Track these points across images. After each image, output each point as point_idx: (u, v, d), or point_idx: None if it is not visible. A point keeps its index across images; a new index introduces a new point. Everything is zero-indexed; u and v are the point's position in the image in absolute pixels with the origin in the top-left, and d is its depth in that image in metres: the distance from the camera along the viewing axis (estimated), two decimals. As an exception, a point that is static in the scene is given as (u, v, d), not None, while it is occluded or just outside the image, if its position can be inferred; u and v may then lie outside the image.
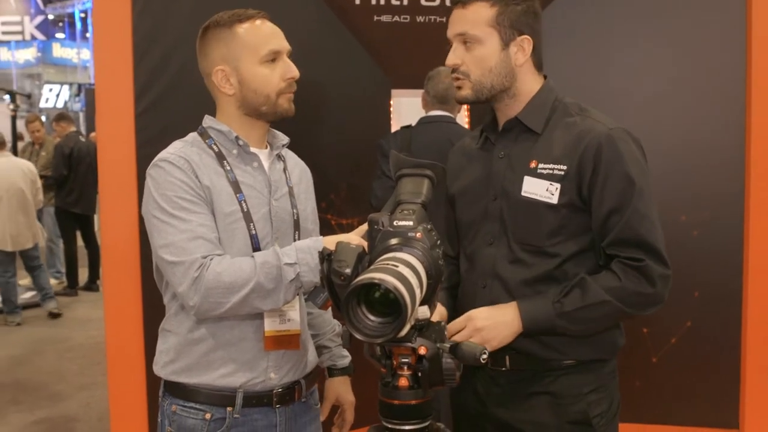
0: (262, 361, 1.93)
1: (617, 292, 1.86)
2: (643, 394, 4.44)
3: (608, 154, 1.88)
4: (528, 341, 1.93)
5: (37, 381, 5.86)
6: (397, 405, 1.56)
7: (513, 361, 1.97)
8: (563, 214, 1.90)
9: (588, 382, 1.96)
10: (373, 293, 1.37)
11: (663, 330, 4.56)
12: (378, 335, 1.37)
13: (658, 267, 1.87)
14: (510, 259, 1.96)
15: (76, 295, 8.97)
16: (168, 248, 1.81)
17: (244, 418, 1.92)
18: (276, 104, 1.93)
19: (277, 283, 1.77)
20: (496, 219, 2.00)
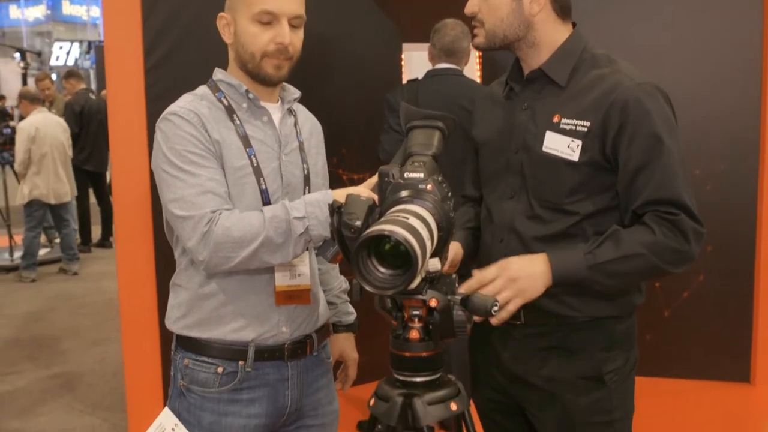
0: (273, 315, 1.93)
1: (652, 246, 1.80)
2: (655, 348, 4.45)
3: (635, 110, 1.81)
4: (544, 297, 1.90)
5: (51, 337, 5.93)
6: (408, 357, 1.56)
7: (528, 316, 1.96)
8: (584, 172, 1.86)
9: (602, 338, 1.94)
10: (384, 245, 1.37)
11: (675, 284, 4.56)
12: (388, 287, 1.36)
13: (692, 222, 1.80)
14: (528, 215, 1.94)
15: (90, 251, 9.04)
16: (177, 203, 1.80)
17: (256, 372, 1.93)
18: (260, 66, 1.89)
19: (286, 238, 1.76)
20: (516, 173, 1.96)
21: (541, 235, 1.92)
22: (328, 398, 2.09)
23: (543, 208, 1.92)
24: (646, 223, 1.83)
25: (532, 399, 2.00)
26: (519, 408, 2.06)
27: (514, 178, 1.97)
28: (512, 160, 1.97)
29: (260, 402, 1.93)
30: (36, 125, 7.56)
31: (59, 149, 7.72)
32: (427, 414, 1.55)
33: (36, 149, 7.53)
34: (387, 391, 1.62)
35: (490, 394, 2.12)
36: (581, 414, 1.94)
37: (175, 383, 1.98)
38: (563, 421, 1.95)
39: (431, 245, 1.43)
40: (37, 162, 7.54)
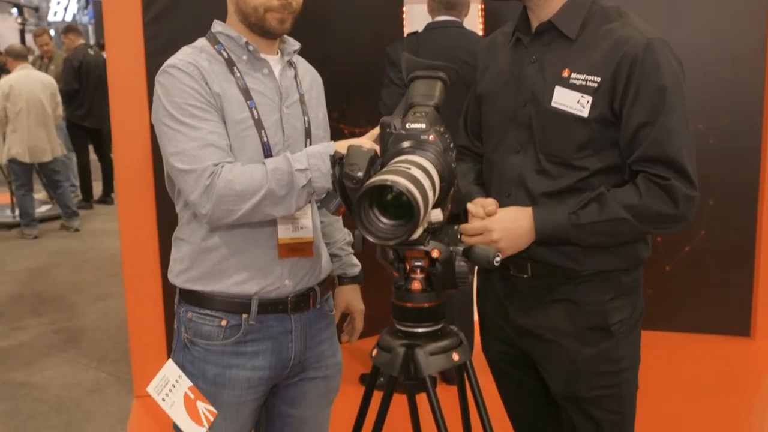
0: (276, 268, 1.94)
1: (636, 210, 1.81)
2: (656, 302, 4.47)
3: (644, 65, 1.79)
4: (549, 252, 1.93)
5: (55, 293, 5.96)
6: (410, 308, 1.58)
7: (534, 269, 1.97)
8: (593, 128, 1.85)
9: (608, 290, 1.95)
10: (386, 195, 1.37)
11: (677, 238, 4.57)
12: (390, 237, 1.37)
13: (683, 187, 1.80)
14: (536, 169, 1.93)
15: (92, 208, 9.05)
16: (178, 156, 1.80)
17: (260, 325, 1.94)
18: (263, 19, 1.88)
19: (288, 190, 1.76)
20: (524, 127, 1.95)
21: (549, 190, 1.91)
22: (332, 351, 2.11)
23: (551, 163, 1.91)
24: (636, 184, 1.83)
25: (540, 350, 2.02)
26: (528, 359, 2.08)
27: (521, 132, 1.96)
28: (520, 114, 1.96)
29: (264, 355, 1.95)
30: (11, 83, 7.40)
31: (36, 107, 7.50)
32: (429, 364, 1.57)
33: (11, 107, 7.37)
34: (389, 341, 1.64)
35: (500, 347, 2.15)
36: (588, 364, 1.95)
37: (178, 336, 2.00)
38: (570, 371, 1.97)
39: (433, 196, 1.43)
40: (12, 120, 7.40)
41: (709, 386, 4.05)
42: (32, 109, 7.48)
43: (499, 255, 1.51)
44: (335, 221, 2.23)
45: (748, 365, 4.36)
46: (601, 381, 1.97)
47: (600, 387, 1.97)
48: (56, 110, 7.78)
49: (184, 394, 1.93)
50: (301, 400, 2.08)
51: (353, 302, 2.23)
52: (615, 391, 1.98)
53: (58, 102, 7.84)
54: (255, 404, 2.00)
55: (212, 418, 1.91)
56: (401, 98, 1.69)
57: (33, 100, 7.49)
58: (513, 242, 1.86)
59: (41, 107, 7.56)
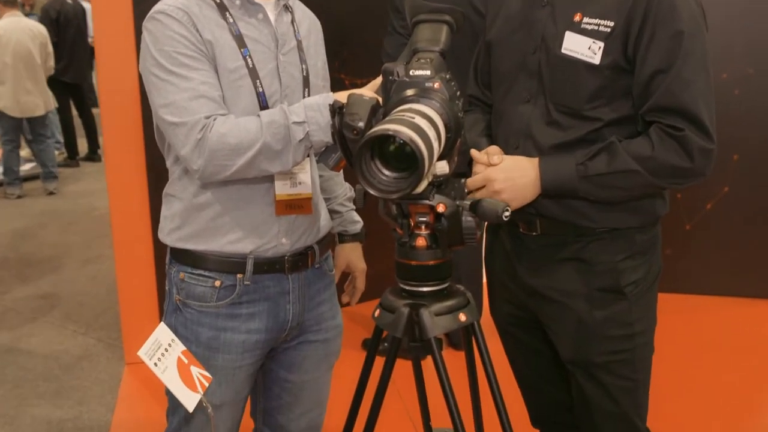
0: (272, 226, 1.94)
1: (648, 162, 1.80)
2: (675, 263, 4.48)
3: (660, 7, 1.77)
4: (560, 208, 1.93)
5: (41, 255, 5.99)
6: (414, 266, 1.58)
7: (544, 226, 1.97)
8: (605, 76, 1.84)
9: (621, 249, 1.95)
10: (388, 146, 1.37)
11: (698, 195, 4.56)
12: (393, 191, 1.37)
13: (699, 139, 1.78)
14: (546, 120, 1.92)
15: (78, 166, 9.05)
16: (168, 108, 1.79)
17: (255, 286, 1.95)
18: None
19: (285, 144, 1.76)
20: (533, 75, 1.94)
21: (559, 142, 1.90)
22: (331, 312, 2.12)
23: (561, 114, 1.90)
24: (648, 135, 1.82)
25: (549, 312, 2.03)
26: (537, 321, 2.09)
27: (530, 80, 1.95)
28: (529, 61, 1.95)
29: (260, 317, 1.96)
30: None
31: (25, 59, 7.44)
32: (435, 325, 1.59)
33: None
34: (392, 301, 1.65)
35: (508, 308, 2.16)
36: (599, 327, 1.96)
37: (170, 298, 2.01)
38: (580, 334, 1.98)
39: (438, 147, 1.43)
40: (0, 71, 7.36)
41: (731, 352, 4.06)
42: (20, 61, 7.43)
43: (508, 209, 1.51)
44: (335, 176, 2.23)
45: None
46: (613, 345, 1.98)
47: (611, 352, 1.98)
48: (47, 61, 7.71)
49: (177, 358, 1.94)
50: (300, 365, 2.10)
51: (354, 261, 2.24)
52: (627, 356, 1.99)
53: (49, 52, 7.76)
54: (251, 369, 2.01)
55: (207, 384, 1.92)
56: (405, 48, 1.68)
57: (22, 50, 7.42)
58: (517, 193, 1.86)
59: (30, 58, 7.50)
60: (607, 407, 2.02)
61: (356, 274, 2.25)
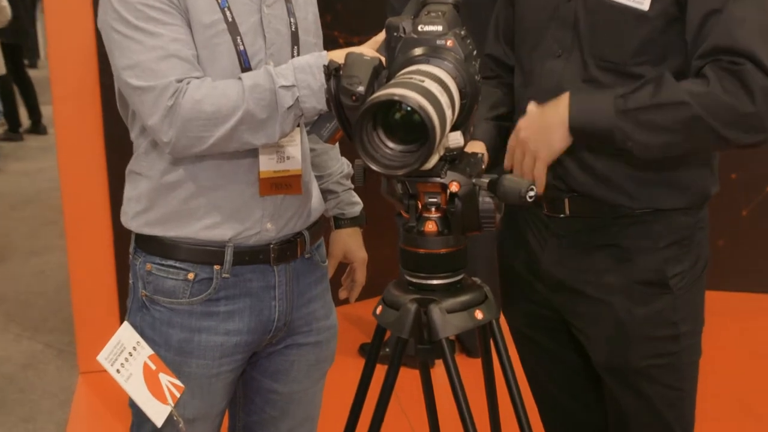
0: (255, 209, 1.96)
1: (701, 97, 1.77)
2: (728, 256, 4.48)
3: None
4: (592, 182, 1.94)
5: (-23, 247, 6.01)
6: (422, 255, 1.60)
7: (573, 206, 1.99)
8: (654, 26, 1.85)
9: (666, 233, 1.97)
10: (393, 114, 1.39)
11: (756, 176, 4.56)
12: (399, 166, 1.39)
13: (762, 76, 1.76)
14: (583, 77, 1.94)
15: (21, 140, 9.04)
16: (133, 70, 1.80)
17: (236, 279, 1.96)
18: None
19: (271, 112, 1.77)
20: (568, 25, 1.95)
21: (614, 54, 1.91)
22: (324, 311, 2.14)
23: (601, 70, 1.92)
24: (703, 74, 1.80)
25: (579, 310, 2.05)
26: (561, 322, 2.11)
27: (563, 31, 1.96)
28: (563, 9, 1.96)
29: (241, 315, 1.98)
30: None
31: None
32: (447, 323, 1.60)
33: None
34: (397, 296, 1.67)
35: (526, 306, 2.17)
36: (639, 326, 1.98)
37: (135, 294, 2.02)
38: (617, 335, 2.00)
39: (452, 114, 1.45)
40: None
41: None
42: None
43: (533, 188, 1.52)
44: (330, 149, 2.24)
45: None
46: (656, 348, 1.99)
47: (654, 355, 2.00)
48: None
49: (144, 364, 1.95)
50: (287, 373, 2.11)
51: (353, 249, 2.25)
52: (672, 360, 2.01)
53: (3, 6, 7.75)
54: (230, 377, 2.03)
55: (178, 395, 1.93)
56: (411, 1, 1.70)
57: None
58: (544, 138, 1.83)
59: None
60: (648, 422, 2.03)
61: (355, 265, 2.26)
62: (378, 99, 1.35)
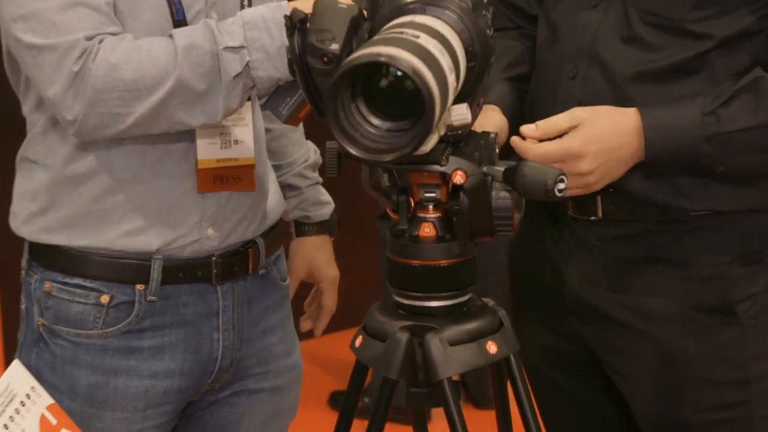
0: (192, 210, 1.96)
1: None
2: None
3: None
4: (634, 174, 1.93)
5: None
6: (416, 268, 1.60)
7: (608, 206, 1.99)
8: None
9: (731, 245, 1.97)
10: (378, 81, 1.39)
11: None
12: (386, 150, 1.38)
13: None
14: (624, 35, 1.95)
15: None
16: (27, 22, 1.79)
17: (165, 303, 1.97)
18: None
19: (212, 81, 1.77)
20: None
21: (644, 69, 1.93)
22: (285, 346, 2.14)
23: (649, 26, 1.93)
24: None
25: (615, 345, 2.05)
26: (591, 358, 2.11)
27: None
28: None
29: (172, 352, 1.99)
30: None
31: None
32: (449, 359, 1.59)
33: None
34: (383, 323, 1.66)
35: (544, 336, 2.18)
36: (697, 367, 1.99)
37: (29, 323, 2.02)
38: (667, 379, 2.00)
39: (456, 81, 1.45)
40: None
41: None
42: None
43: (563, 179, 1.51)
44: (291, 131, 2.25)
45: None
46: (719, 396, 2.00)
47: (716, 406, 2.00)
48: None
49: (41, 417, 1.94)
50: (235, 429, 2.12)
51: (320, 264, 2.26)
52: (741, 413, 2.01)
53: None
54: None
55: (87, 459, 1.94)
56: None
57: None
58: (611, 170, 1.86)
59: None
60: None
61: (323, 285, 2.27)
62: (358, 61, 1.34)
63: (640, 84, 1.93)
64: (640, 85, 1.92)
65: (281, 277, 2.16)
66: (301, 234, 2.26)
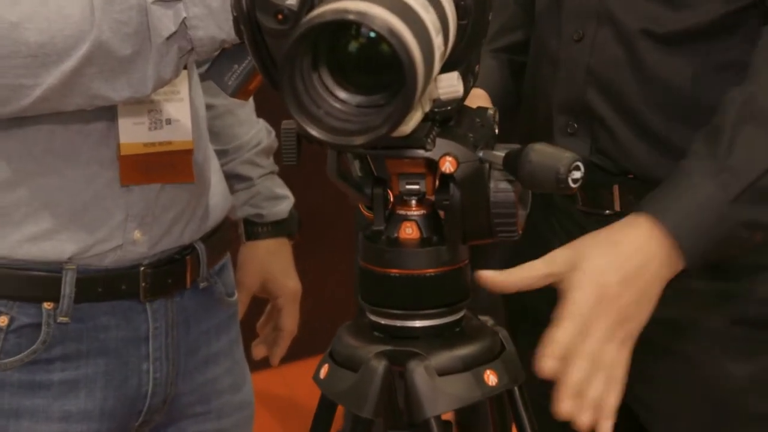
0: (114, 208, 1.99)
1: None
2: None
3: None
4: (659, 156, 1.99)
5: None
6: (396, 279, 1.62)
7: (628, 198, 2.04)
8: None
9: None
10: (345, 44, 1.41)
11: None
12: (357, 130, 1.40)
13: None
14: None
15: None
16: None
17: (80, 326, 2.00)
18: None
19: (139, 44, 1.78)
20: None
21: (667, 30, 1.97)
22: (232, 378, 2.18)
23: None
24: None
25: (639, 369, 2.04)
26: None
27: None
28: None
29: (90, 388, 2.02)
30: None
31: None
32: (438, 393, 1.60)
33: None
34: (354, 348, 1.68)
35: None
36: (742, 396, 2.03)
37: None
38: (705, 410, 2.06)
39: (444, 43, 1.46)
40: None
41: None
42: None
43: (579, 164, 1.51)
44: (238, 108, 2.28)
45: None
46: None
47: None
48: None
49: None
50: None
51: (276, 274, 2.30)
52: None
53: None
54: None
55: None
56: None
57: None
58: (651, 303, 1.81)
59: None
60: None
61: (280, 301, 2.31)
62: (320, 19, 1.35)
63: (662, 48, 1.97)
64: (662, 50, 1.97)
65: (228, 292, 2.19)
66: (253, 237, 2.30)
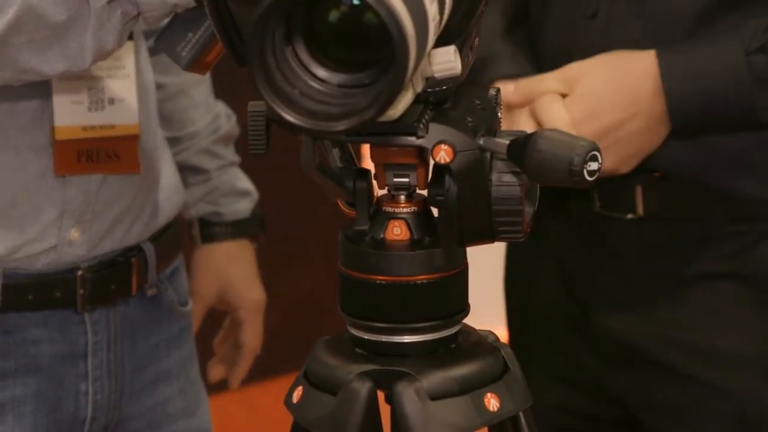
0: (48, 203, 1.99)
1: None
2: None
3: None
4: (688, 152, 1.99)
5: None
6: (383, 287, 1.62)
7: (653, 200, 2.04)
8: None
9: None
10: (325, 13, 1.40)
11: None
12: (338, 114, 1.39)
13: None
14: None
15: None
16: None
17: (8, 339, 2.00)
18: None
19: (76, 8, 1.76)
20: None
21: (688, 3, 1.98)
22: (185, 401, 2.18)
23: None
24: None
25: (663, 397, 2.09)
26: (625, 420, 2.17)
27: None
28: None
29: (19, 412, 2.01)
30: None
31: None
32: (431, 420, 1.60)
33: None
34: (333, 368, 1.68)
35: (555, 393, 2.22)
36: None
37: None
38: None
39: (439, 12, 1.45)
40: None
41: None
42: None
43: (596, 155, 1.50)
44: (193, 87, 2.27)
45: None
46: None
47: None
48: None
49: None
50: None
51: (235, 282, 2.30)
52: None
53: None
54: None
55: None
56: None
57: None
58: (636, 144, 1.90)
59: None
60: None
61: (241, 313, 2.30)
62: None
63: (690, 24, 1.98)
64: (689, 26, 1.98)
65: (180, 301, 2.18)
66: (210, 238, 2.30)
